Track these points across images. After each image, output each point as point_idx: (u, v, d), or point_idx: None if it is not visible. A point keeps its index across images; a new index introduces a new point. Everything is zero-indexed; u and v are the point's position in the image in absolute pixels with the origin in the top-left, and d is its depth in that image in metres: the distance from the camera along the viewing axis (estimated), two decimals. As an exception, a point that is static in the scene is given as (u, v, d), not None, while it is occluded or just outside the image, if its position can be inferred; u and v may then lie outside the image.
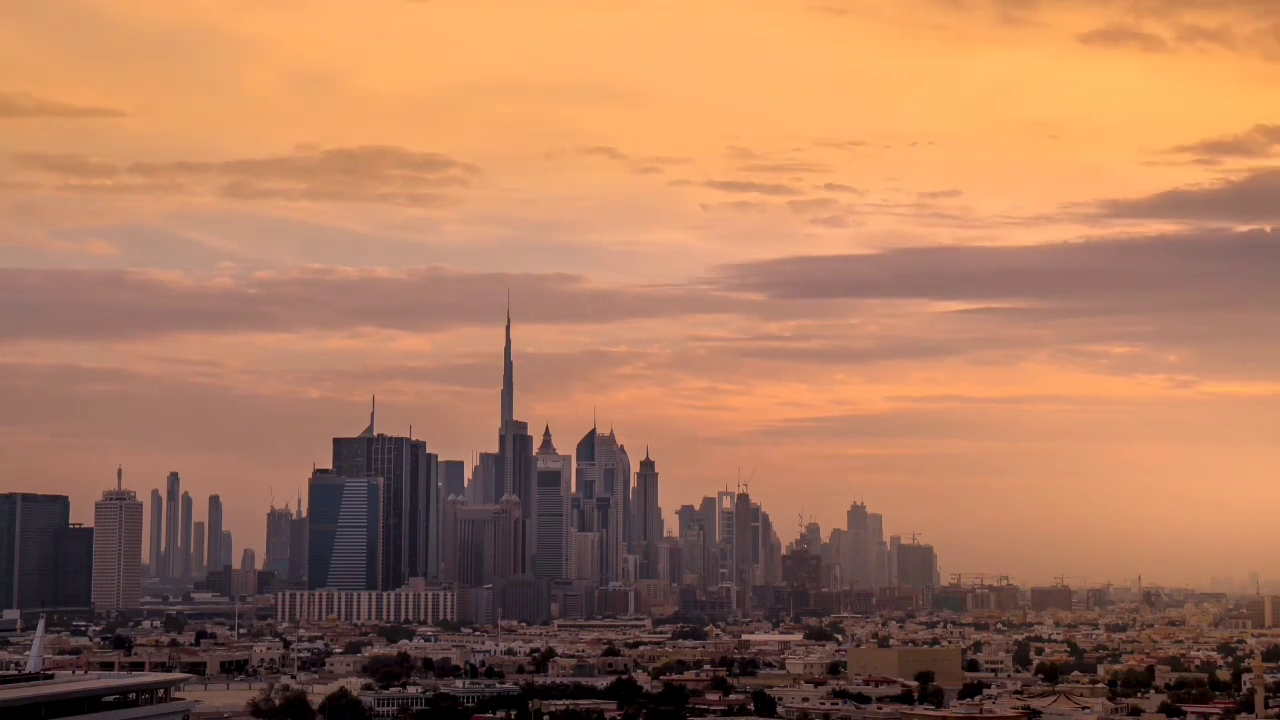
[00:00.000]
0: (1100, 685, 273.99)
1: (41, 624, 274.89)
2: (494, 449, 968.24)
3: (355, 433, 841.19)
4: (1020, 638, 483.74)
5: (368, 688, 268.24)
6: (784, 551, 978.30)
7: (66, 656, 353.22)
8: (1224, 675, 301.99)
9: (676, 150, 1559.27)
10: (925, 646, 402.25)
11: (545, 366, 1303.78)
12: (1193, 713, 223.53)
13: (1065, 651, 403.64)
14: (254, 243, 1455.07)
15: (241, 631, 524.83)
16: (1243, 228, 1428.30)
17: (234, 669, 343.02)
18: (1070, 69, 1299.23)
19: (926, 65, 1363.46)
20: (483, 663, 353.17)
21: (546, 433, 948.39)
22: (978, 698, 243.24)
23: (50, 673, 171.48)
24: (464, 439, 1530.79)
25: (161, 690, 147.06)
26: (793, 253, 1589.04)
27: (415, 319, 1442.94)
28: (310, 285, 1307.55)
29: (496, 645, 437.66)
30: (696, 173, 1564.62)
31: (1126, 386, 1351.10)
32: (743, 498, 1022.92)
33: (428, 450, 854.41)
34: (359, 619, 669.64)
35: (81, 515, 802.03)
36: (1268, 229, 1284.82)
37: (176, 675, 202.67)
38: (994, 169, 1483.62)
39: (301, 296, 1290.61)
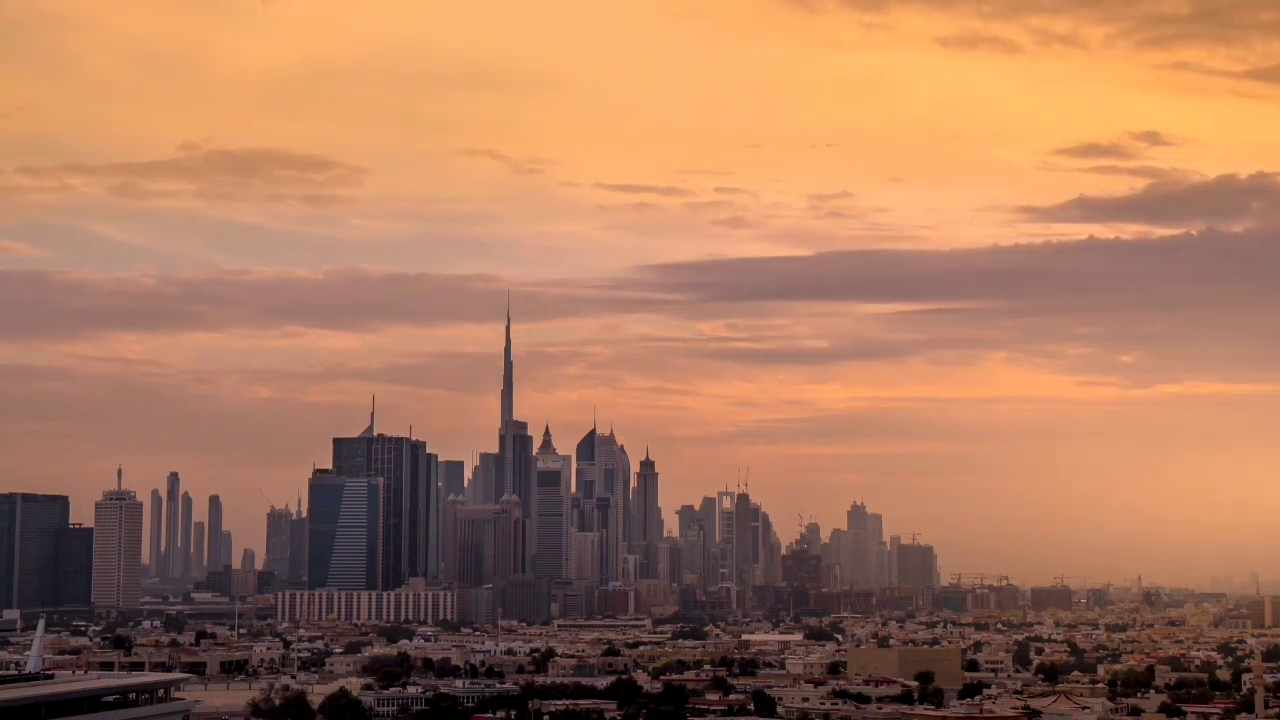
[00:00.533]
0: (1100, 685, 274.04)
1: (41, 624, 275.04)
2: (492, 449, 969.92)
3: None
4: (1020, 638, 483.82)
5: (368, 688, 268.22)
6: (784, 551, 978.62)
7: (66, 656, 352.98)
8: (1224, 675, 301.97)
9: (553, 151, 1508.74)
10: (925, 646, 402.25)
11: (487, 366, 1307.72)
12: (1193, 713, 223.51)
13: (1065, 651, 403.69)
14: (163, 243, 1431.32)
15: (241, 631, 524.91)
16: (1164, 231, 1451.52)
17: (234, 669, 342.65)
18: (942, 71, 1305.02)
19: (798, 67, 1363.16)
20: (483, 663, 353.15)
21: (546, 433, 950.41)
22: (978, 698, 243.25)
23: (50, 673, 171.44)
24: (462, 439, 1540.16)
25: (161, 690, 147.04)
26: (711, 253, 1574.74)
27: (342, 319, 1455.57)
28: (231, 285, 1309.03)
29: (496, 645, 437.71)
30: (580, 174, 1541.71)
31: (1087, 388, 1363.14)
32: (743, 498, 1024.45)
33: (427, 450, 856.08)
34: (359, 619, 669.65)
35: (81, 515, 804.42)
36: (1194, 232, 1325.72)
37: (176, 675, 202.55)
38: (895, 171, 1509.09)
39: (226, 297, 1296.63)
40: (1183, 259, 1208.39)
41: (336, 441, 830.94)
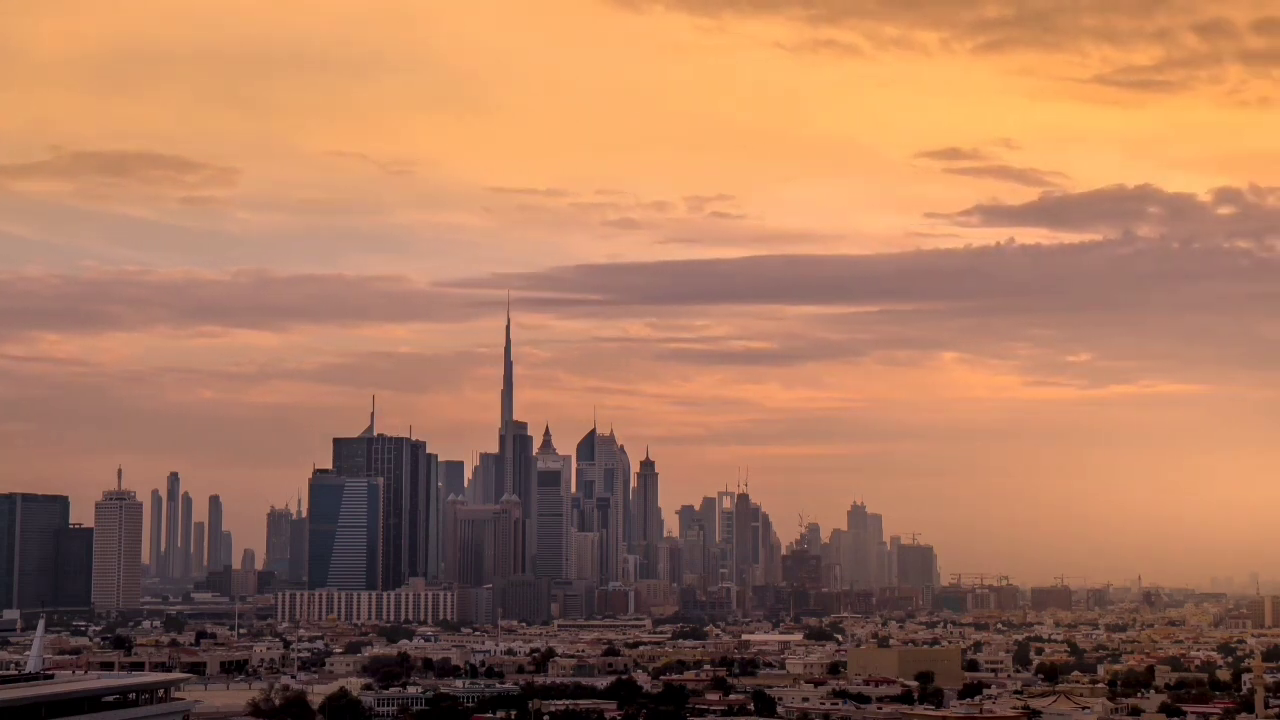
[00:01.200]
0: (1100, 685, 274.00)
1: (41, 624, 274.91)
2: (492, 449, 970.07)
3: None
4: (1020, 638, 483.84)
5: (368, 688, 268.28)
6: (784, 551, 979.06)
7: (66, 656, 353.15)
8: (1224, 675, 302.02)
9: (418, 151, 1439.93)
10: (925, 646, 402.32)
11: (422, 367, 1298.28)
12: (1193, 713, 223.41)
13: (1065, 651, 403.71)
14: (59, 240, 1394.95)
15: (241, 631, 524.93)
16: (1074, 236, 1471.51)
17: (234, 669, 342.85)
18: (792, 74, 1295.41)
19: (641, 69, 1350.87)
20: (483, 663, 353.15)
21: (546, 433, 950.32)
22: (978, 698, 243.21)
23: (50, 673, 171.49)
24: (463, 439, 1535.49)
25: (161, 690, 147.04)
26: (613, 254, 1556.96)
27: (259, 319, 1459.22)
28: (138, 286, 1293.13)
29: (496, 645, 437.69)
30: (451, 176, 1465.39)
31: (1042, 388, 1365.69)
32: (743, 498, 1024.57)
33: (428, 450, 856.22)
34: (359, 619, 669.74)
35: (81, 515, 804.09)
36: (1115, 236, 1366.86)
37: (176, 675, 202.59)
38: (769, 172, 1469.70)
39: (138, 297, 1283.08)
40: (1111, 263, 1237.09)
41: (336, 441, 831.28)
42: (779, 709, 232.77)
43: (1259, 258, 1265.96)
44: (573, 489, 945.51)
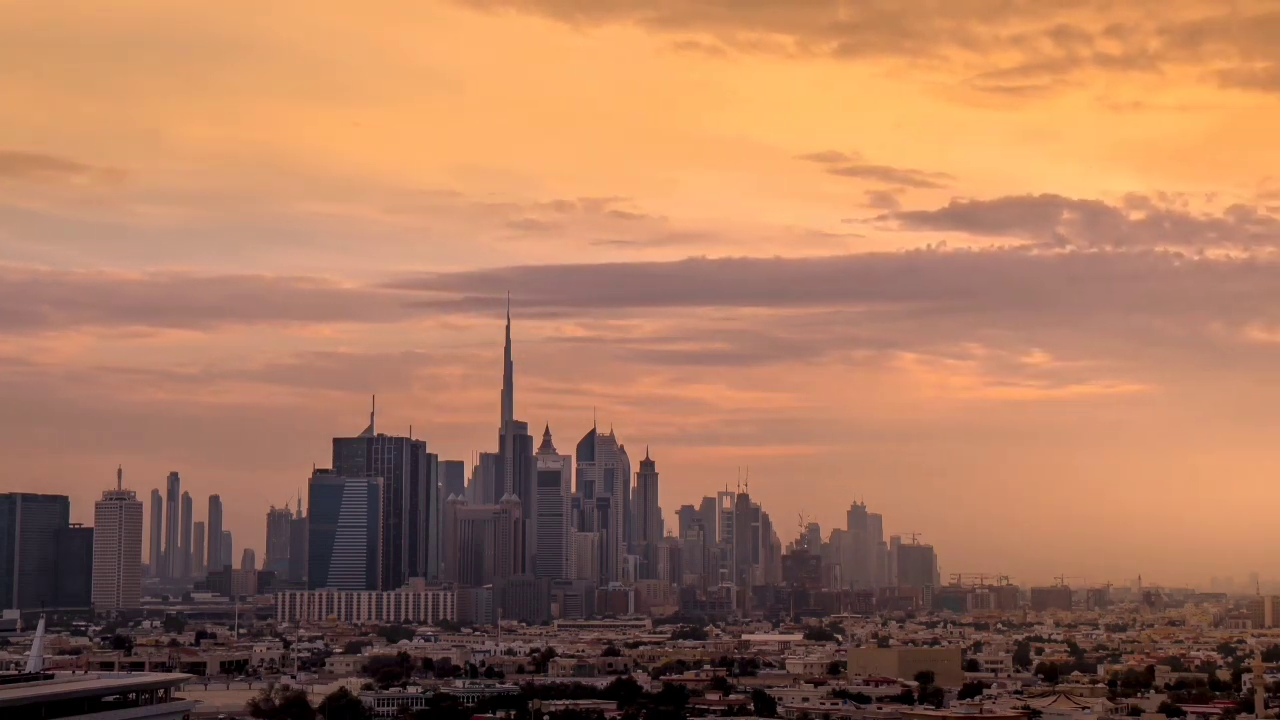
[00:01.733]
0: (1100, 685, 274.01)
1: (41, 624, 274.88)
2: (492, 449, 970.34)
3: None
4: (1020, 638, 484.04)
5: (368, 688, 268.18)
6: (784, 551, 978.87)
7: (66, 656, 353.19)
8: (1224, 675, 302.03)
9: (304, 150, 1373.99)
10: (925, 646, 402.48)
11: (366, 368, 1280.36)
12: (1193, 713, 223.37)
13: (1065, 651, 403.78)
14: None
15: (241, 631, 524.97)
16: (997, 241, 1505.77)
17: (234, 669, 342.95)
18: (663, 74, 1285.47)
19: (501, 69, 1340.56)
20: (483, 663, 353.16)
21: (546, 433, 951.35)
22: (978, 698, 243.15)
23: (50, 673, 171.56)
24: (462, 439, 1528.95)
25: (161, 690, 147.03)
26: (538, 256, 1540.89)
27: (184, 319, 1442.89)
28: (59, 286, 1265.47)
29: (496, 645, 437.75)
30: (342, 174, 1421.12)
31: (1001, 388, 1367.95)
32: (743, 498, 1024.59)
33: (428, 450, 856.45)
34: (359, 619, 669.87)
35: (81, 515, 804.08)
36: (1044, 240, 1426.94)
37: (176, 675, 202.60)
38: (656, 174, 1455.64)
39: (61, 298, 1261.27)
40: (1048, 266, 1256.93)
41: (336, 441, 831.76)
42: (779, 709, 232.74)
43: (1191, 260, 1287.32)
44: (573, 489, 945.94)
